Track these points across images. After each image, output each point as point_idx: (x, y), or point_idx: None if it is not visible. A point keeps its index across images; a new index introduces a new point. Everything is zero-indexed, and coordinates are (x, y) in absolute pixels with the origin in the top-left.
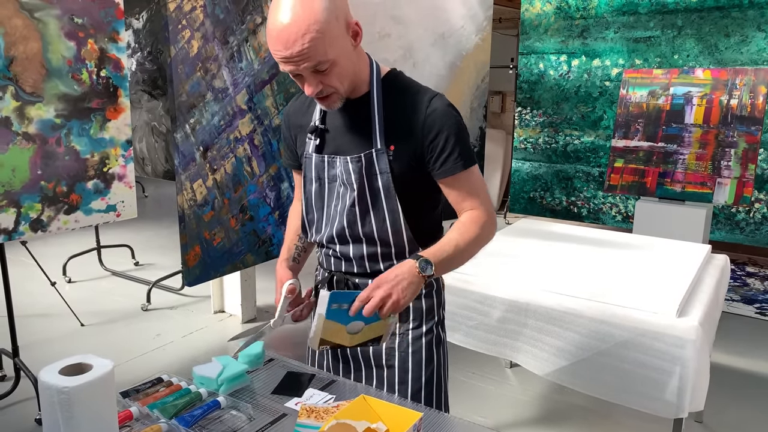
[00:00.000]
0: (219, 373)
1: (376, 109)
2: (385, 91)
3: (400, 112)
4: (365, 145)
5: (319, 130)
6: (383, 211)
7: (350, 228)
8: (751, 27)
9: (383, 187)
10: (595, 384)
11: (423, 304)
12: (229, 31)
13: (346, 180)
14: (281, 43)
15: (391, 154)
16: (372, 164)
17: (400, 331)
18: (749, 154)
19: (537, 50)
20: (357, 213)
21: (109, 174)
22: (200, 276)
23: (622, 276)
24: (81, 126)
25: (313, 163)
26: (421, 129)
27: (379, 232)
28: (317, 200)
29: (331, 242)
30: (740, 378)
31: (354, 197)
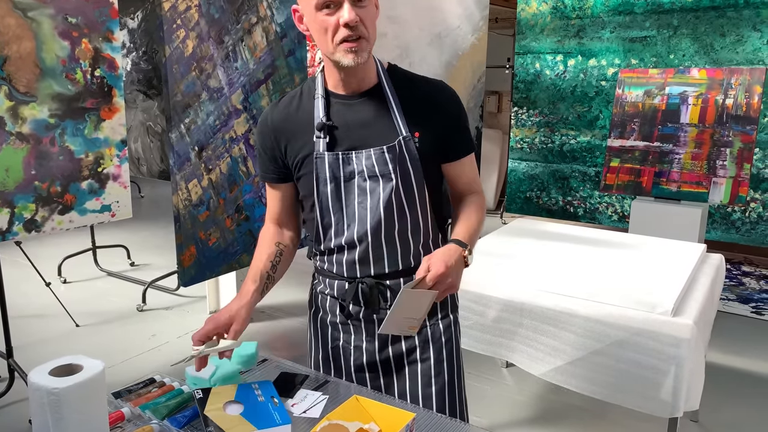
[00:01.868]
0: (212, 373)
1: (391, 96)
2: (393, 80)
3: (416, 100)
4: (387, 135)
5: (327, 128)
6: (416, 201)
7: (387, 222)
8: (747, 27)
9: (415, 175)
10: (590, 384)
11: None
12: (224, 30)
13: (381, 171)
14: None
15: (417, 141)
16: (403, 152)
17: (430, 322)
18: (744, 153)
19: (533, 50)
20: (395, 205)
21: (103, 174)
22: (195, 276)
23: (618, 275)
24: (75, 126)
25: (327, 162)
26: (446, 112)
27: (413, 225)
28: (334, 202)
29: (362, 240)
30: (736, 377)
31: (393, 187)
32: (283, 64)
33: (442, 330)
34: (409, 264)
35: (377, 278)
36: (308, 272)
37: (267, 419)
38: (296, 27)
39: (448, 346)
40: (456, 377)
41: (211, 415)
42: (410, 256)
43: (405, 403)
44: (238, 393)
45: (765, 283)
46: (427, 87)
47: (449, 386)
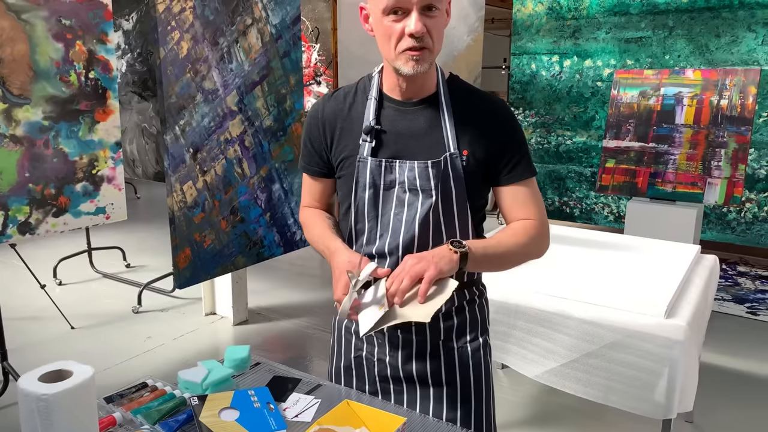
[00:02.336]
0: (204, 377)
1: (446, 110)
2: (450, 92)
3: (471, 115)
4: (435, 148)
5: (375, 132)
6: (455, 220)
7: (421, 238)
8: (742, 27)
9: (457, 194)
10: (584, 386)
11: (477, 315)
12: (218, 32)
13: (422, 186)
14: None
15: (464, 159)
16: (447, 169)
17: (458, 345)
18: (739, 154)
19: (529, 51)
20: (431, 222)
21: (98, 176)
22: (191, 278)
23: (611, 277)
24: (69, 128)
25: (369, 167)
26: (501, 132)
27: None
28: (371, 209)
29: (393, 253)
30: (731, 378)
31: (431, 204)
32: (278, 66)
33: (470, 353)
34: None
35: None
36: (303, 273)
37: (262, 425)
38: (292, 28)
39: (477, 370)
40: (484, 403)
41: (206, 421)
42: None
43: (399, 407)
44: (234, 399)
45: (760, 283)
46: (484, 103)
47: (476, 412)
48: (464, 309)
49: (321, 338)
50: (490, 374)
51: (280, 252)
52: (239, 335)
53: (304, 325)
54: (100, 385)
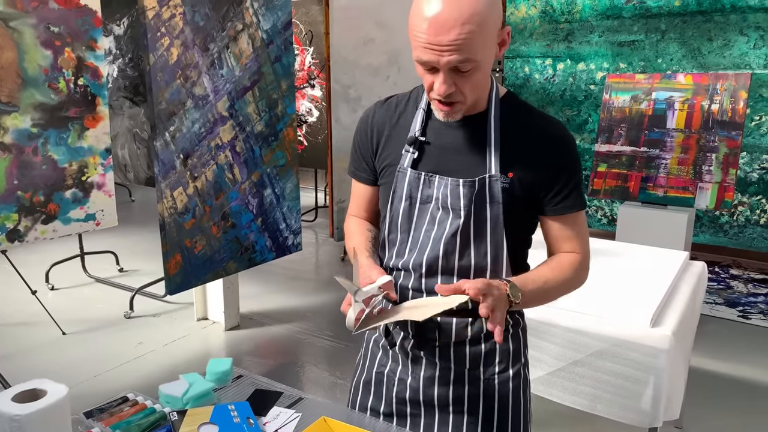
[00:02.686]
0: (185, 391)
1: (493, 129)
2: (503, 111)
3: (520, 137)
4: (476, 168)
5: (419, 143)
6: (486, 244)
7: (445, 258)
8: (734, 31)
9: (492, 217)
10: (571, 394)
11: (510, 344)
12: (209, 38)
13: (452, 204)
14: (433, 26)
15: (507, 182)
16: (484, 191)
17: (485, 376)
18: (730, 158)
19: (522, 54)
20: (458, 243)
21: (87, 183)
22: (181, 284)
23: (599, 285)
24: (58, 135)
25: (407, 179)
26: (548, 157)
27: (477, 268)
28: (404, 221)
29: (416, 270)
30: (721, 382)
31: (459, 225)
32: (270, 71)
33: (496, 385)
34: (466, 305)
35: None
36: (297, 278)
37: None
38: (283, 33)
39: (503, 402)
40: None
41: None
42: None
43: (376, 421)
44: (213, 414)
45: (753, 286)
46: (539, 125)
47: None
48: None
49: (313, 344)
50: (522, 410)
51: (272, 257)
52: (231, 341)
53: (296, 331)
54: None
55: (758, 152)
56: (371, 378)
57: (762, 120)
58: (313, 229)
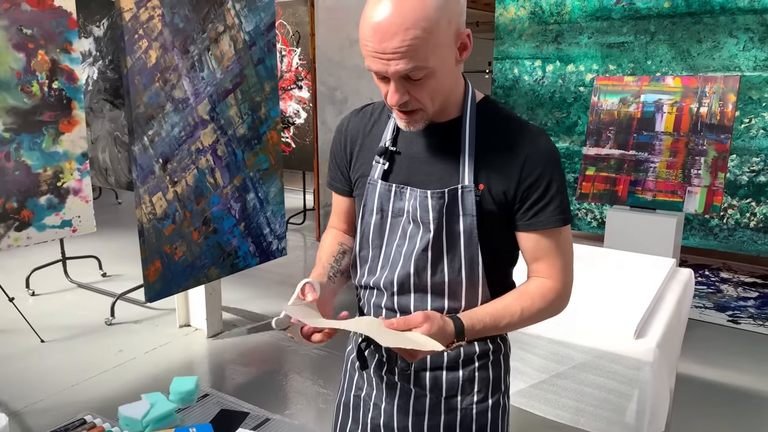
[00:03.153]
0: (145, 413)
1: (467, 138)
2: (478, 118)
3: (495, 146)
4: (448, 178)
5: (390, 153)
6: (459, 259)
7: (417, 275)
8: (723, 33)
9: (465, 231)
10: (554, 407)
11: (490, 372)
12: (189, 40)
13: (421, 218)
14: (377, 34)
15: (479, 194)
16: (455, 203)
17: (462, 405)
18: (719, 162)
19: (512, 55)
20: (429, 258)
21: (63, 188)
22: (161, 291)
23: (582, 294)
24: (32, 140)
25: (378, 191)
26: (521, 169)
27: (451, 284)
28: (375, 236)
29: (387, 289)
30: (710, 388)
31: (429, 239)
32: (252, 73)
33: (474, 415)
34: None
35: None
36: (284, 282)
37: None
38: (266, 35)
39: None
40: None
41: None
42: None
43: None
44: None
45: (743, 290)
46: (514, 135)
47: None
48: (473, 362)
49: (297, 351)
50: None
51: (256, 262)
52: (213, 348)
53: (280, 338)
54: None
55: (748, 155)
56: (350, 401)
57: (751, 122)
58: (301, 231)
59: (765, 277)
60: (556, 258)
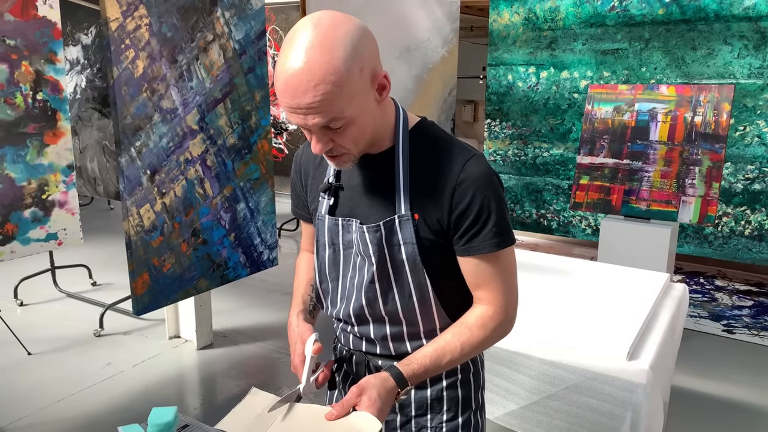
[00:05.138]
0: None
1: (401, 168)
2: (412, 146)
3: (426, 173)
4: (386, 209)
5: (333, 188)
6: (408, 286)
7: (370, 306)
8: (718, 40)
9: (408, 259)
10: (545, 429)
11: (459, 391)
12: (177, 49)
13: (363, 251)
14: (289, 90)
15: (416, 223)
16: (393, 233)
17: (432, 424)
18: (713, 172)
19: (505, 61)
20: (377, 289)
21: (48, 201)
22: (149, 305)
23: (575, 313)
24: (16, 152)
25: (327, 225)
26: (450, 197)
27: (405, 311)
28: (331, 269)
29: (347, 321)
30: (704, 401)
31: (373, 272)
32: (243, 82)
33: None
34: (405, 351)
35: (370, 355)
36: (276, 291)
37: None
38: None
39: None
40: None
41: None
42: (406, 344)
43: None
44: None
45: (738, 298)
46: (443, 158)
47: None
48: (440, 381)
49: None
50: None
51: (246, 273)
52: (203, 361)
53: (271, 349)
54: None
55: (742, 163)
56: None
57: (746, 130)
58: (294, 238)
59: (760, 285)
60: (495, 282)
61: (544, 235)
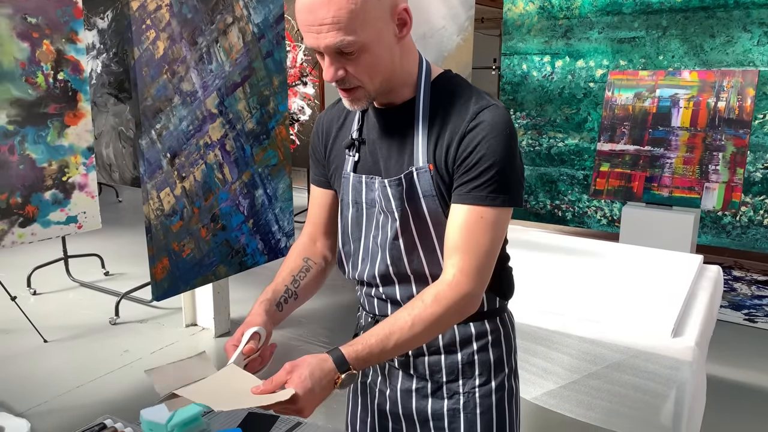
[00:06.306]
0: (169, 417)
1: (420, 118)
2: (433, 96)
3: (442, 123)
4: (406, 162)
5: (357, 145)
6: (432, 241)
7: (395, 265)
8: (737, 27)
9: (430, 212)
10: (585, 408)
11: (491, 355)
12: (197, 31)
13: (386, 207)
14: (308, 6)
15: (432, 174)
16: (413, 187)
17: (464, 389)
18: (737, 158)
19: (520, 51)
20: (402, 246)
21: (68, 183)
22: (169, 290)
23: (612, 291)
24: (37, 133)
25: (351, 183)
26: (459, 143)
27: (431, 267)
28: (354, 229)
29: (372, 282)
30: (728, 388)
31: (396, 228)
32: (261, 66)
33: (477, 400)
34: None
35: None
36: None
37: None
38: (275, 27)
39: (486, 418)
40: None
41: None
42: None
43: None
44: None
45: (757, 288)
46: (461, 108)
47: None
48: (470, 344)
49: (307, 350)
50: (507, 425)
51: (264, 260)
52: (221, 348)
53: (289, 337)
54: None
55: (762, 151)
56: (358, 387)
57: (766, 118)
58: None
59: None
60: (472, 246)
61: (559, 226)
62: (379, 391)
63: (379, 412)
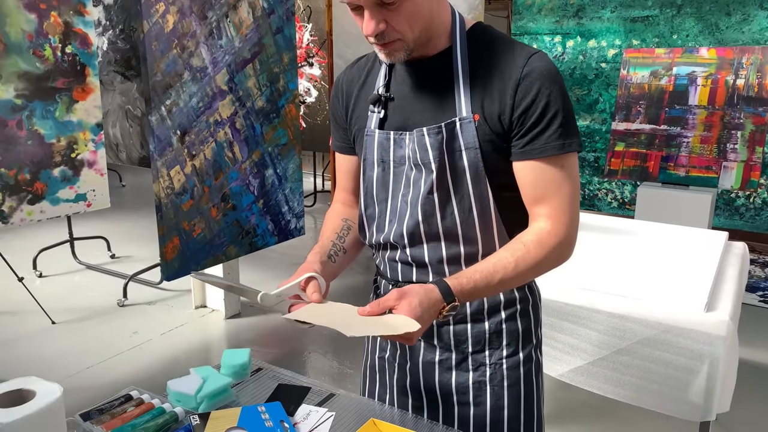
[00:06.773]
0: (198, 388)
1: (460, 66)
2: (470, 45)
3: (487, 72)
4: (445, 113)
5: (384, 101)
6: (468, 198)
7: (426, 222)
8: (753, 5)
9: (470, 166)
10: (613, 385)
11: (519, 324)
12: (207, 5)
13: (422, 159)
14: None
15: (477, 125)
16: (455, 137)
17: (491, 360)
18: (756, 136)
19: (530, 31)
20: (436, 201)
21: (77, 160)
22: (179, 270)
23: (641, 267)
24: (45, 107)
25: (376, 141)
26: (514, 92)
27: (464, 226)
28: (380, 190)
29: (398, 243)
30: (748, 370)
31: (432, 180)
32: (271, 42)
33: (505, 372)
34: None
35: None
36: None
37: None
38: (285, 2)
39: (513, 390)
40: (522, 427)
41: None
42: (462, 266)
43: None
44: (241, 417)
45: None
46: (507, 56)
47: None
48: (499, 313)
49: (319, 332)
50: (535, 399)
51: (274, 241)
52: (231, 330)
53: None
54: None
55: None
56: (375, 363)
57: None
58: (311, 214)
59: None
60: (556, 194)
61: None
62: (398, 366)
63: (399, 388)
